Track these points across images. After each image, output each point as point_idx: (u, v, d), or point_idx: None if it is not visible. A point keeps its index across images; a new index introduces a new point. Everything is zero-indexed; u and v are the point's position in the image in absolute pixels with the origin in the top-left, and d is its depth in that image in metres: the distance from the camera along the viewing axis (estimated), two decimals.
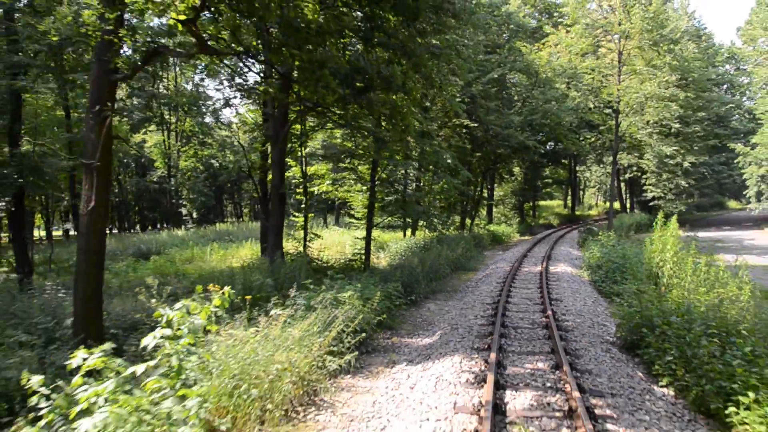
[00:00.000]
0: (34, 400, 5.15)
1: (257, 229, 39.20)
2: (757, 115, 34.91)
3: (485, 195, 39.87)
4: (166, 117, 49.15)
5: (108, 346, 5.30)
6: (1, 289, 13.67)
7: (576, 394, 6.09)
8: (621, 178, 47.05)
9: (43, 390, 5.14)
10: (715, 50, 46.91)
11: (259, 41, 10.53)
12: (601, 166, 56.54)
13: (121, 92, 33.85)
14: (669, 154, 34.52)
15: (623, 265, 14.98)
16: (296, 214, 24.52)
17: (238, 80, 19.83)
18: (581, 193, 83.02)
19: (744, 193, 38.84)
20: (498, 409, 5.97)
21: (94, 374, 5.28)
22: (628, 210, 48.51)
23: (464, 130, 28.18)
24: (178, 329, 5.54)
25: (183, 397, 5.18)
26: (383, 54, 10.05)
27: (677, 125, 33.63)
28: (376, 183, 21.35)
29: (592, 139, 42.97)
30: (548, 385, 6.82)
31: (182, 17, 7.89)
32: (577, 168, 60.51)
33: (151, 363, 5.36)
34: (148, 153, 53.78)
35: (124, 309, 11.51)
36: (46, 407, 5.11)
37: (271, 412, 6.17)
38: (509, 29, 33.62)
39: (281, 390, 6.34)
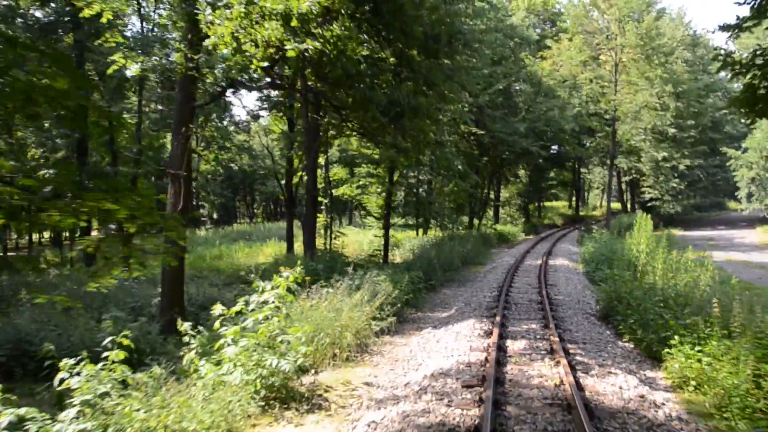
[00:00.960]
0: (186, 339, 7.68)
1: (274, 229, 41.74)
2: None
3: (492, 196, 42.28)
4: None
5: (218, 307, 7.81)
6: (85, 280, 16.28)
7: (556, 339, 8.58)
8: (622, 180, 49.30)
9: (190, 331, 7.67)
10: (710, 58, 48.98)
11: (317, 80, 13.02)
12: (604, 168, 58.74)
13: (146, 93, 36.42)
14: (663, 158, 36.80)
15: (610, 258, 17.40)
16: (317, 215, 27.03)
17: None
18: (586, 194, 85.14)
19: (736, 194, 41.03)
20: (501, 348, 8.46)
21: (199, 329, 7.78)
22: (628, 210, 50.75)
23: (472, 137, 30.64)
24: (267, 296, 8.04)
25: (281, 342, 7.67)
26: (410, 86, 12.58)
27: (673, 130, 35.85)
28: (392, 185, 23.87)
29: (594, 144, 45.31)
30: (537, 337, 9.31)
31: (261, 64, 10.43)
32: (582, 170, 62.72)
33: (259, 316, 7.85)
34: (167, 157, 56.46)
35: (188, 294, 14.24)
36: (195, 344, 7.64)
37: (338, 355, 8.69)
38: (514, 41, 36.02)
39: (344, 340, 8.86)
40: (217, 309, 7.64)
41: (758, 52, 8.29)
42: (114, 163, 18.41)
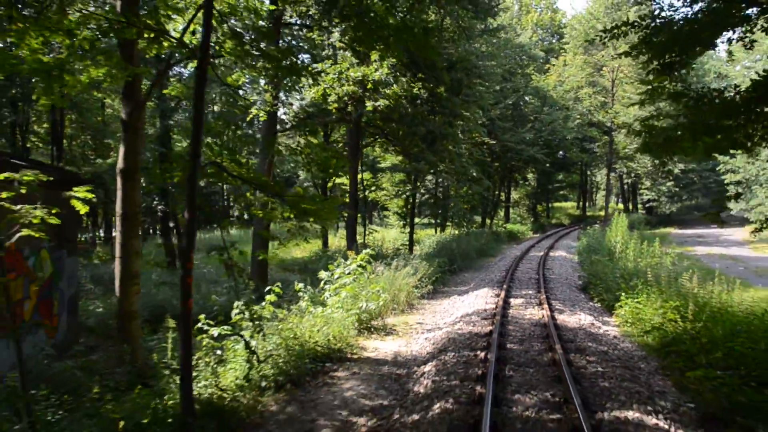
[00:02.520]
0: (299, 294, 11.86)
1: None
2: None
3: (503, 198, 46.32)
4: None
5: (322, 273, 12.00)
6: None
7: (544, 298, 12.73)
8: (624, 183, 53.07)
9: (303, 288, 11.85)
10: (705, 70, 52.64)
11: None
12: (613, 169, 62.47)
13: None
14: (660, 162, 40.65)
15: (597, 248, 21.45)
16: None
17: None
18: (594, 195, 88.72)
19: (726, 195, 44.60)
20: (506, 302, 12.61)
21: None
22: (630, 210, 54.53)
23: (485, 146, 34.74)
24: (350, 268, 12.22)
25: (365, 295, 11.84)
26: (441, 118, 16.80)
27: None
28: (416, 189, 28.10)
29: (600, 147, 49.20)
30: (532, 297, 13.46)
31: (335, 106, 14.65)
32: (588, 172, 66.47)
33: (347, 280, 12.02)
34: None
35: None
36: (306, 297, 11.83)
37: (396, 308, 12.87)
38: (522, 59, 40.09)
39: (399, 299, 13.04)
40: (324, 275, 11.88)
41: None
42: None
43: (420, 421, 5.99)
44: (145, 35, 7.14)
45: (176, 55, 11.27)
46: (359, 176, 28.05)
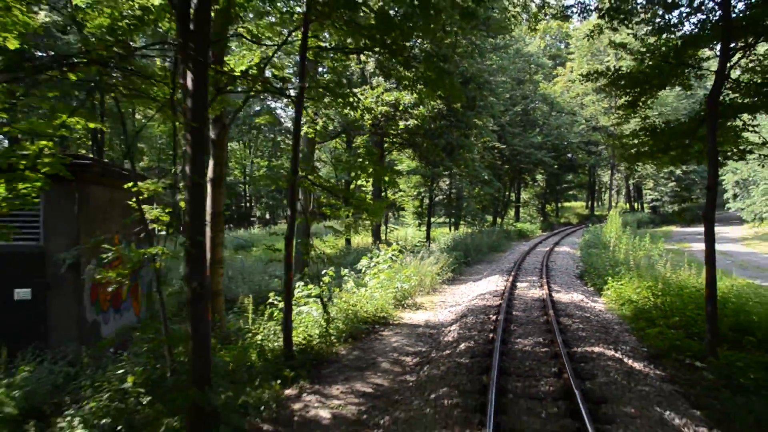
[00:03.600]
0: (344, 277, 14.65)
1: (312, 228, 48.93)
2: None
3: (513, 198, 48.93)
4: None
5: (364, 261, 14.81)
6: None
7: (545, 282, 15.44)
8: (629, 183, 55.43)
9: (345, 273, 14.65)
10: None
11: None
12: (615, 172, 64.79)
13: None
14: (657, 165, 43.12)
15: (596, 243, 24.08)
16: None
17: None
18: (603, 195, 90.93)
19: (724, 195, 46.88)
20: (513, 285, 15.33)
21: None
22: (636, 209, 56.88)
23: (495, 150, 37.41)
24: (386, 257, 15.02)
25: (399, 278, 14.62)
26: (459, 131, 19.57)
27: None
28: (433, 191, 30.83)
29: (603, 152, 51.69)
30: (535, 282, 16.16)
31: (369, 122, 17.40)
32: (598, 173, 68.78)
33: (384, 266, 14.81)
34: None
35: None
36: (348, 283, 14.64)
37: (423, 290, 15.63)
38: (531, 67, 42.68)
39: (425, 282, 15.80)
40: (365, 262, 14.67)
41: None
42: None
43: (450, 354, 8.76)
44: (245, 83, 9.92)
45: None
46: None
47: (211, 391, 5.83)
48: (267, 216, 64.99)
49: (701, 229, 34.87)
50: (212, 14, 7.10)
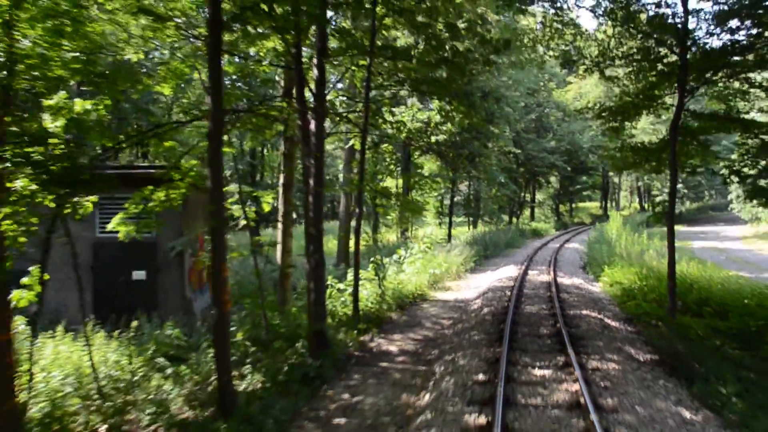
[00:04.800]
0: (384, 265, 17.88)
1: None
2: None
3: (528, 199, 51.81)
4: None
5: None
6: None
7: (552, 269, 18.55)
8: (639, 184, 57.99)
9: (386, 261, 17.89)
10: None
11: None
12: (626, 173, 67.29)
13: None
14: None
15: (600, 239, 27.05)
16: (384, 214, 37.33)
17: None
18: (617, 195, 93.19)
19: (728, 197, 49.28)
20: (525, 273, 18.46)
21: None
22: (646, 209, 59.44)
23: (511, 155, 40.39)
24: (420, 248, 18.25)
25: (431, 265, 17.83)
26: (480, 143, 22.72)
27: None
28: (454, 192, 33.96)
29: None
30: (544, 270, 19.27)
31: (403, 135, 20.59)
32: (610, 174, 71.27)
33: (419, 255, 18.04)
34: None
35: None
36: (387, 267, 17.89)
37: (449, 276, 18.83)
38: (544, 77, 45.57)
39: (452, 270, 19.00)
40: (401, 252, 17.91)
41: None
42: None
43: (476, 315, 11.96)
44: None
45: None
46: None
47: (325, 326, 9.08)
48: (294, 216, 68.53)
49: (707, 228, 37.94)
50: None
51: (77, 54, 5.94)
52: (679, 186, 47.89)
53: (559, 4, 12.29)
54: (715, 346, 10.10)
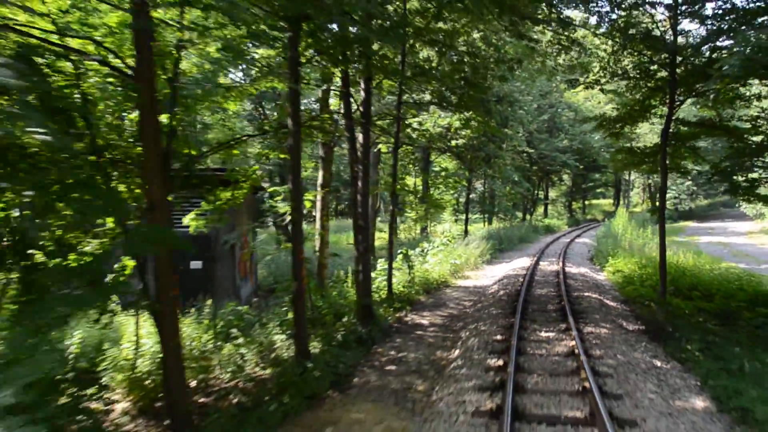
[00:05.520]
0: (410, 256, 19.96)
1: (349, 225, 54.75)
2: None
3: (541, 196, 53.57)
4: None
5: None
6: None
7: (561, 261, 20.51)
8: (649, 181, 59.41)
9: (411, 253, 19.97)
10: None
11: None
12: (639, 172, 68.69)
13: None
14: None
15: (608, 234, 28.89)
16: (409, 210, 39.39)
17: None
18: (630, 192, 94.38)
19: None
20: (536, 264, 20.43)
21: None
22: (657, 206, 60.82)
23: (524, 154, 42.23)
24: (442, 242, 20.31)
25: (453, 256, 19.90)
26: (495, 145, 24.70)
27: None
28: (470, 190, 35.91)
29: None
30: (554, 261, 21.22)
31: (427, 138, 22.66)
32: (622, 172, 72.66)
33: (441, 248, 20.11)
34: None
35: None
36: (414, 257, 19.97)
37: (468, 267, 20.86)
38: (555, 79, 47.22)
39: (470, 262, 21.02)
40: (424, 245, 19.97)
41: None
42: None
43: (493, 298, 13.99)
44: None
45: None
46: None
47: (371, 301, 11.17)
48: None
49: (715, 224, 39.78)
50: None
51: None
52: (689, 183, 49.39)
53: (564, 31, 14.17)
54: (698, 322, 12.02)
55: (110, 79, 6.64)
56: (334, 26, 8.29)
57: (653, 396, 6.85)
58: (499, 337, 9.50)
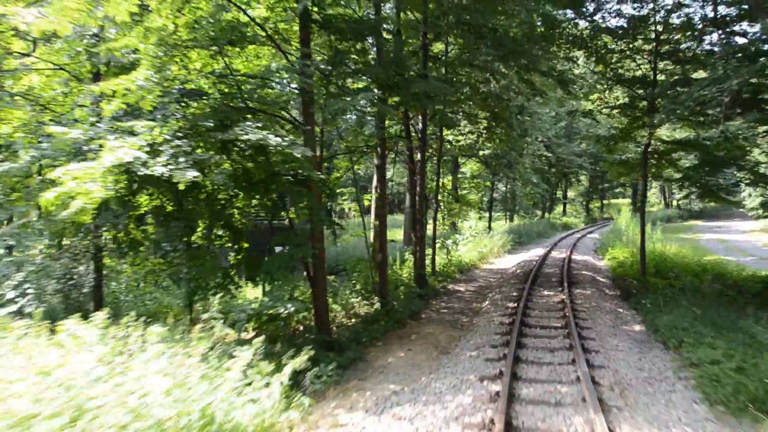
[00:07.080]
0: (447, 245, 24.54)
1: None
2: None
3: (560, 196, 57.63)
4: None
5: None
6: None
7: (569, 251, 24.92)
8: (661, 183, 62.96)
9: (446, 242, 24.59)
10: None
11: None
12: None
13: None
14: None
15: (613, 230, 33.08)
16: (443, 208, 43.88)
17: None
18: (648, 192, 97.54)
19: (741, 194, 54.08)
20: (548, 253, 24.86)
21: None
22: (669, 206, 64.44)
23: (543, 158, 46.42)
24: (471, 233, 24.88)
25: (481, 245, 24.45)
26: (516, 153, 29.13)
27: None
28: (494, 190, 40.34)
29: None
30: (563, 251, 25.63)
31: (458, 146, 27.17)
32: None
33: (470, 239, 24.69)
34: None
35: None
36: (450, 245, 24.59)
37: (492, 255, 25.38)
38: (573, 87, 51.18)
39: (493, 251, 25.55)
40: (455, 237, 24.57)
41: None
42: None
43: (512, 275, 18.54)
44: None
45: None
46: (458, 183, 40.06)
47: (424, 272, 15.81)
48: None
49: (721, 223, 44.18)
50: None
51: None
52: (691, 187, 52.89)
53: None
54: (662, 291, 16.37)
55: (287, 127, 11.46)
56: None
57: (609, 321, 11.39)
58: (515, 293, 14.12)
